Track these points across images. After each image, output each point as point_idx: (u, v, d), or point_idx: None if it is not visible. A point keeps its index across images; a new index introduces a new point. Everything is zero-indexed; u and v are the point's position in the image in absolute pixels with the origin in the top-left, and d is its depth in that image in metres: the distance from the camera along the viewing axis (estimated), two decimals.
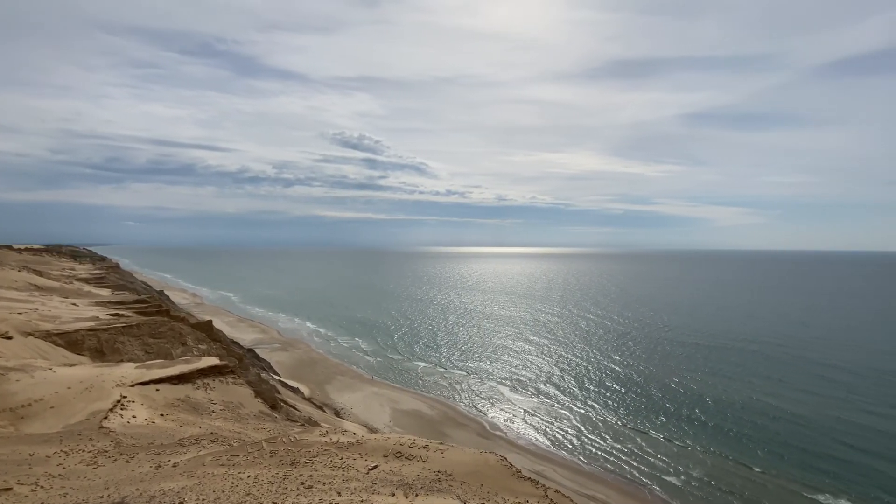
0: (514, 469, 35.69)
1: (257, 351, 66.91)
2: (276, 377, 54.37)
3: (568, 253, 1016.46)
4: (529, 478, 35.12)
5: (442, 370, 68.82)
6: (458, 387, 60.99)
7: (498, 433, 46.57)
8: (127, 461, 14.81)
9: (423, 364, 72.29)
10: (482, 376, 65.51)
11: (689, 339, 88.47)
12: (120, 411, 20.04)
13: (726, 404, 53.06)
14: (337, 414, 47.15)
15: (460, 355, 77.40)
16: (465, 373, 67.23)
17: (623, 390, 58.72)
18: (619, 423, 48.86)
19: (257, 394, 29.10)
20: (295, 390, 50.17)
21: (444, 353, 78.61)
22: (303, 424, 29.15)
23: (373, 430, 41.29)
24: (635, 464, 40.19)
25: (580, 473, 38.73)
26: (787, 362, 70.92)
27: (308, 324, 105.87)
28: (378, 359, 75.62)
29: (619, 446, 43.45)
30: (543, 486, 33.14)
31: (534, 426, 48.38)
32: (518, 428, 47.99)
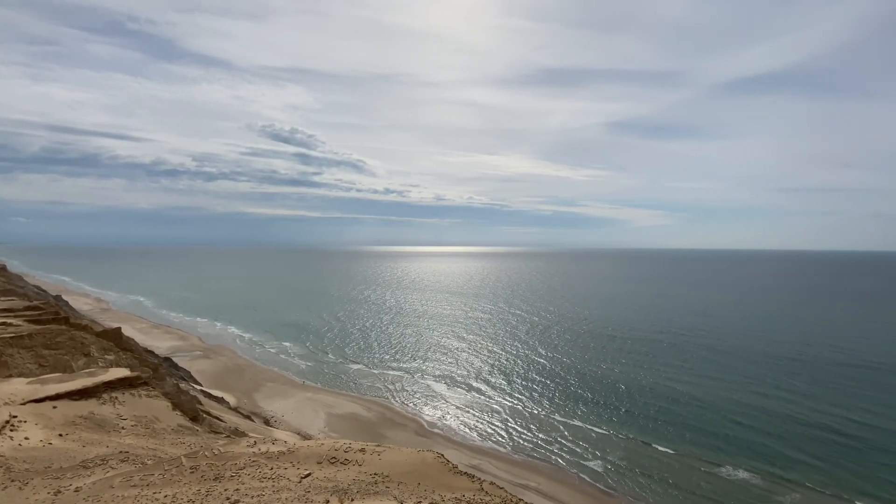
0: (450, 465, 36.10)
1: (175, 359, 61.88)
2: (198, 387, 50.66)
3: (503, 252, 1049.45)
4: (466, 472, 35.75)
5: (378, 371, 68.00)
6: (394, 387, 60.62)
7: (436, 430, 46.95)
8: (20, 488, 13.08)
9: (358, 366, 70.96)
10: (418, 375, 65.65)
11: (605, 331, 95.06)
12: (9, 433, 17.63)
13: (637, 390, 57.72)
14: (267, 423, 44.92)
15: (396, 355, 76.97)
16: (401, 372, 66.96)
17: (548, 382, 61.74)
18: (545, 413, 51.29)
19: (175, 406, 26.95)
20: (219, 400, 47.05)
21: (380, 354, 77.77)
22: (228, 436, 27.46)
23: (306, 436, 39.92)
24: (561, 451, 42.41)
25: (514, 464, 40.14)
26: (689, 350, 78.53)
27: (233, 328, 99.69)
28: (310, 363, 73.04)
29: (546, 436, 45.60)
30: (479, 479, 33.92)
31: (469, 421, 49.35)
32: (454, 424, 48.69)
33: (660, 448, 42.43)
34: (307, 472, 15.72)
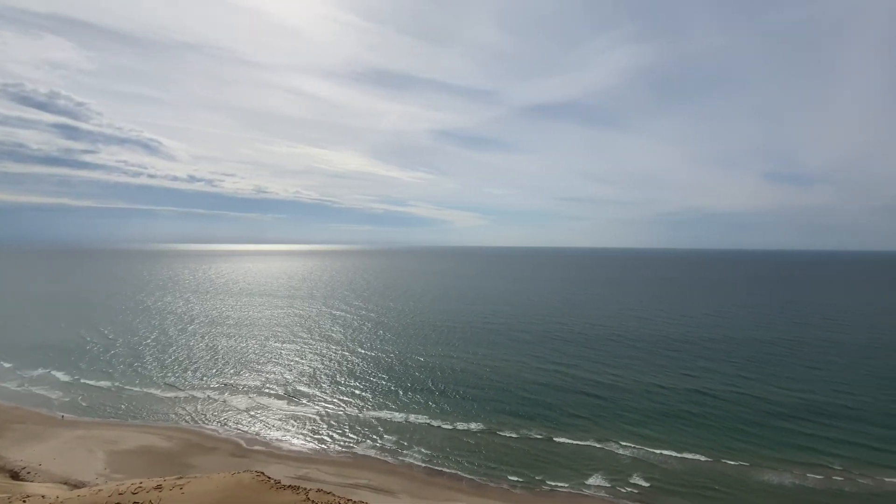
0: (272, 482, 33.98)
1: None
2: None
3: (334, 250, 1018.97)
4: (290, 485, 34.15)
5: (180, 392, 58.68)
6: (203, 407, 53.29)
7: (256, 448, 43.05)
8: None
9: (151, 389, 59.87)
10: (233, 390, 59.14)
11: (419, 323, 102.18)
12: None
13: (446, 378, 63.89)
14: (15, 476, 34.43)
15: (204, 371, 67.65)
16: (212, 389, 59.24)
17: (367, 379, 63.07)
18: (368, 410, 52.33)
19: None
20: None
21: (183, 371, 67.20)
22: None
23: (78, 484, 32.18)
24: (387, 445, 43.97)
25: (343, 465, 39.74)
26: (488, 335, 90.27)
27: None
28: (80, 393, 58.27)
29: (371, 432, 46.59)
30: (305, 489, 32.82)
31: (293, 431, 46.83)
32: (277, 437, 45.51)
33: (472, 427, 47.67)
34: None
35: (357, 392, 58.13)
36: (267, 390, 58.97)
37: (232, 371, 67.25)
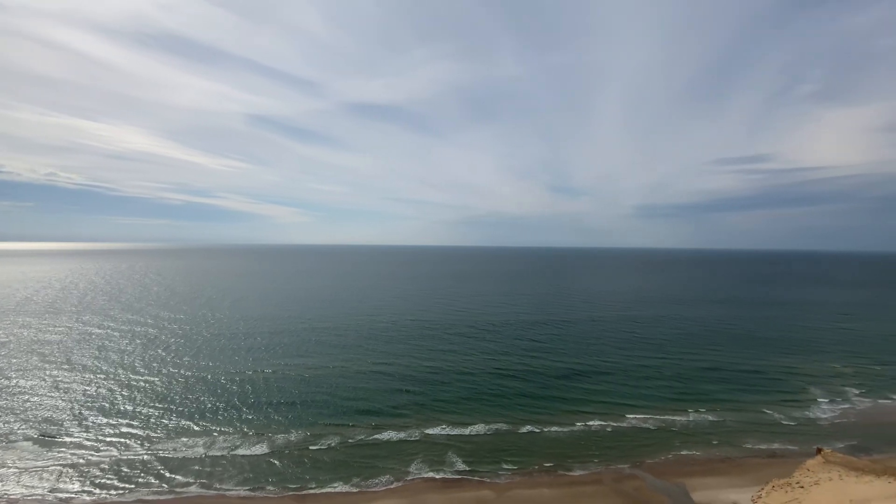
0: None
1: None
2: None
3: (109, 249, 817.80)
4: None
5: None
6: None
7: None
8: None
9: None
10: None
11: (216, 332, 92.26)
12: None
13: (257, 392, 59.56)
14: None
15: None
16: None
17: (151, 410, 53.57)
18: (155, 445, 44.95)
19: None
20: None
21: None
22: None
23: None
24: (192, 478, 38.56)
25: None
26: (301, 341, 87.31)
27: None
28: None
29: (167, 469, 40.10)
30: None
31: (44, 487, 36.63)
32: (38, 490, 34.90)
33: (292, 440, 45.32)
34: None
35: (130, 430, 47.70)
36: (21, 430, 44.59)
37: None
